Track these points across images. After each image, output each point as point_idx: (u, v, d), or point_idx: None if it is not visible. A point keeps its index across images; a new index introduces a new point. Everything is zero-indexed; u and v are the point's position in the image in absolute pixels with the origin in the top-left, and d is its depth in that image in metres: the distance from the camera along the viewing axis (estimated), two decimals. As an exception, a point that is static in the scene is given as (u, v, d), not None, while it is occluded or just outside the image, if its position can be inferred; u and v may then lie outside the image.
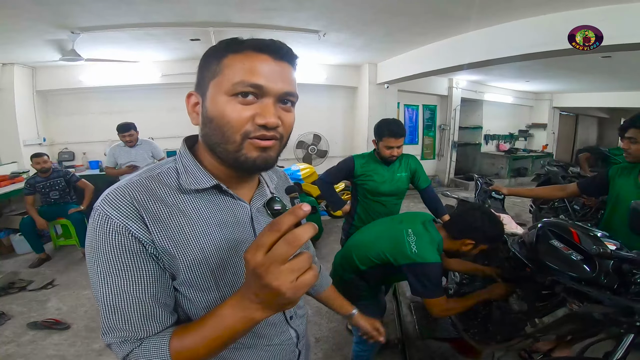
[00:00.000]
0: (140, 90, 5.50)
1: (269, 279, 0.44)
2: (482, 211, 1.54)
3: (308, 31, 3.79)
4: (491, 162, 8.72)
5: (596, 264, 1.25)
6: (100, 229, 0.54)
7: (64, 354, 2.27)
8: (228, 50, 0.58)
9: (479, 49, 3.85)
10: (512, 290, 1.60)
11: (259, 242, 0.45)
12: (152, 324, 0.56)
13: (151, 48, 4.39)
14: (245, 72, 0.55)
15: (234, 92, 0.55)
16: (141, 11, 3.04)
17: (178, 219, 0.58)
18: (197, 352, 0.54)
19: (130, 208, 0.55)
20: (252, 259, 0.44)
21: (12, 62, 4.55)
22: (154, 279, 0.57)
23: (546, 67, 5.36)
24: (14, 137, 4.76)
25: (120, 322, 0.55)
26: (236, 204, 0.66)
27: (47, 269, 3.62)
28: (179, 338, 0.56)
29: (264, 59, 0.56)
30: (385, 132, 2.04)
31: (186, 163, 0.63)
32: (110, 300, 0.55)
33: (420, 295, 1.49)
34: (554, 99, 9.19)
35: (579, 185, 2.11)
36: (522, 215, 5.37)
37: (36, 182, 3.71)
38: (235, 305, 0.51)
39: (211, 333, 0.53)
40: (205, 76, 0.59)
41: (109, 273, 0.54)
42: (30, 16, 2.96)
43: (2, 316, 2.67)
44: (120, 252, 0.54)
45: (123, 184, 0.58)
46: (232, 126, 0.56)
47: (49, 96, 5.31)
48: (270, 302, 0.47)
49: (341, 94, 6.61)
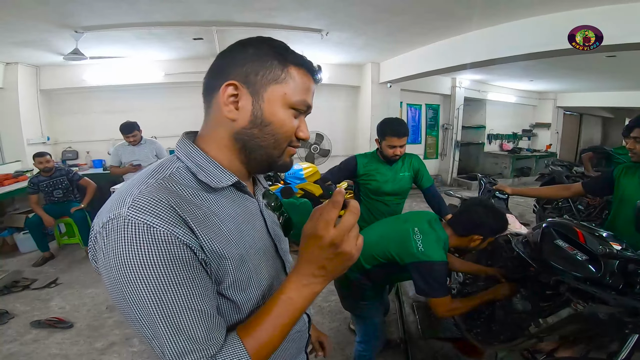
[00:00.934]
0: (143, 90, 5.52)
1: (344, 245, 0.52)
2: (483, 205, 1.54)
3: (310, 30, 3.79)
4: (494, 162, 8.69)
5: (601, 264, 1.24)
6: (142, 242, 0.47)
7: (67, 352, 2.28)
8: (290, 60, 0.60)
9: (482, 48, 3.84)
10: (516, 290, 1.59)
11: (327, 218, 0.52)
12: (217, 334, 0.52)
13: (154, 47, 4.40)
14: (306, 92, 0.62)
15: (295, 106, 0.61)
16: (143, 10, 3.04)
17: (212, 219, 0.56)
18: (273, 343, 0.56)
19: (172, 213, 0.50)
20: (327, 233, 0.52)
21: (15, 61, 4.57)
22: (209, 286, 0.54)
23: (550, 67, 5.33)
24: (17, 136, 4.80)
25: (189, 343, 0.49)
26: (247, 199, 0.67)
27: (50, 267, 3.64)
28: (250, 337, 0.54)
29: (312, 81, 0.63)
30: (388, 131, 2.03)
31: (200, 161, 0.60)
32: (173, 321, 0.49)
33: (424, 294, 1.48)
34: (558, 99, 9.14)
35: (584, 185, 2.09)
36: (525, 215, 5.35)
37: (39, 182, 3.71)
38: (299, 285, 0.56)
39: (281, 320, 0.55)
40: (262, 74, 0.58)
41: (166, 290, 0.48)
42: (33, 15, 2.97)
43: (6, 315, 2.68)
44: (174, 264, 0.49)
45: (145, 188, 0.52)
46: (287, 136, 0.62)
47: (52, 95, 5.33)
48: (336, 269, 0.55)
49: (344, 93, 6.60)
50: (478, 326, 1.70)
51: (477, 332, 1.67)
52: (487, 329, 1.65)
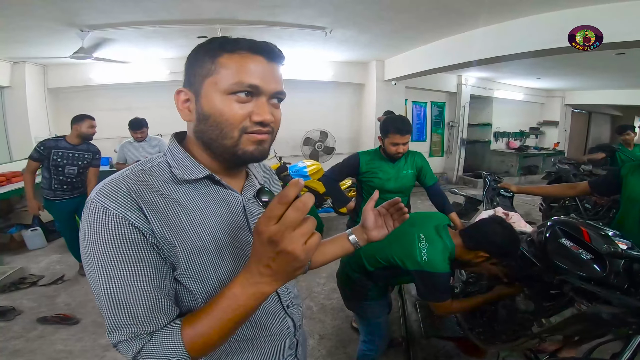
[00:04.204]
0: (148, 88, 5.54)
1: (285, 244, 0.47)
2: (503, 225, 1.47)
3: (314, 28, 3.77)
4: (501, 160, 8.60)
5: (606, 264, 1.22)
6: (97, 222, 0.53)
7: (72, 349, 2.30)
8: (222, 49, 0.59)
9: (488, 45, 3.79)
10: (519, 290, 1.57)
11: (269, 214, 0.47)
12: (159, 315, 0.56)
13: (159, 45, 4.41)
14: (242, 72, 0.58)
15: (232, 91, 0.58)
16: (147, 8, 3.05)
17: (174, 208, 0.59)
18: (211, 337, 0.54)
19: (128, 198, 0.55)
20: (266, 229, 0.47)
21: (23, 60, 4.62)
22: (157, 268, 0.57)
23: (557, 64, 5.26)
24: (25, 134, 4.86)
25: (127, 317, 0.54)
26: (228, 194, 0.67)
27: (57, 264, 3.67)
28: (190, 326, 0.55)
29: (259, 60, 0.60)
30: (391, 128, 2.02)
31: (177, 156, 0.64)
32: (114, 295, 0.53)
33: (425, 299, 1.48)
34: (566, 96, 9.02)
35: (590, 184, 2.06)
36: (532, 213, 5.29)
37: (57, 147, 2.99)
38: (245, 282, 0.53)
39: (223, 315, 0.54)
40: (198, 74, 0.61)
41: (111, 266, 0.53)
42: (39, 14, 3.00)
43: (12, 311, 2.70)
44: (121, 243, 0.53)
45: (116, 177, 0.58)
46: (230, 123, 0.59)
47: (60, 93, 5.39)
48: (282, 270, 0.50)
49: (348, 90, 6.57)
50: (480, 325, 1.69)
51: (479, 332, 1.65)
52: (489, 329, 1.63)
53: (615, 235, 1.36)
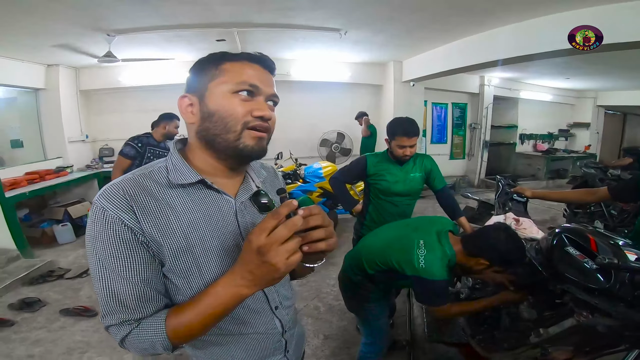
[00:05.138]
0: (172, 89, 5.68)
1: (270, 255, 0.53)
2: (507, 233, 1.41)
3: (329, 30, 3.80)
4: (527, 163, 8.30)
5: (611, 274, 1.17)
6: (97, 221, 0.61)
7: (89, 339, 2.42)
8: (224, 58, 0.69)
9: (510, 45, 3.68)
10: (523, 297, 1.52)
11: (262, 226, 0.54)
12: (147, 305, 0.63)
13: (181, 49, 4.57)
14: (244, 74, 0.67)
15: (235, 90, 0.66)
16: (167, 14, 3.18)
17: (165, 210, 0.65)
18: (191, 327, 0.62)
19: (123, 201, 0.61)
20: (257, 240, 0.53)
21: (57, 63, 4.89)
22: (146, 264, 0.63)
23: (587, 64, 5.02)
24: (59, 134, 5.15)
25: (117, 305, 0.62)
26: (221, 198, 0.71)
27: (83, 258, 3.84)
28: (174, 316, 0.63)
29: (256, 67, 0.69)
30: (397, 131, 2.00)
31: (174, 161, 0.70)
32: (107, 284, 0.61)
33: (423, 303, 1.48)
34: (598, 97, 8.57)
35: (610, 190, 1.95)
36: (557, 219, 5.08)
37: (149, 144, 2.98)
38: (227, 282, 0.60)
39: (205, 309, 0.61)
40: (202, 79, 0.68)
41: (106, 260, 0.61)
42: (69, 20, 3.18)
43: (38, 303, 2.86)
44: (115, 240, 0.60)
45: (118, 180, 0.65)
46: (234, 118, 0.66)
47: (91, 95, 5.67)
48: (262, 277, 0.56)
49: (366, 92, 6.54)
50: (481, 332, 1.65)
51: (480, 339, 1.62)
52: (490, 336, 1.60)
53: (626, 244, 1.30)
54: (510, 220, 2.08)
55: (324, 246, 0.57)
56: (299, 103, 5.91)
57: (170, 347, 0.63)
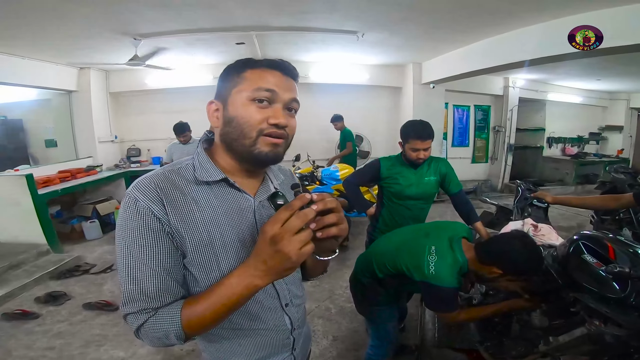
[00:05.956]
0: (195, 91, 5.87)
1: (283, 244, 0.55)
2: (523, 242, 1.36)
3: (346, 32, 3.82)
4: (555, 167, 7.97)
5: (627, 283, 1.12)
6: (129, 210, 0.65)
7: (107, 333, 2.52)
8: (246, 66, 0.72)
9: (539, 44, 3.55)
10: (537, 304, 1.47)
11: (276, 217, 0.57)
12: (165, 295, 0.66)
13: (203, 52, 4.72)
14: (261, 81, 0.70)
15: (252, 98, 0.69)
16: (188, 18, 3.28)
17: (190, 205, 0.69)
18: (204, 318, 0.64)
19: (154, 193, 0.66)
20: (271, 229, 0.56)
21: (88, 66, 5.13)
22: (170, 254, 0.67)
23: (619, 64, 4.78)
24: (90, 134, 5.43)
25: (138, 293, 0.65)
26: (241, 196, 0.76)
27: (108, 254, 4.02)
28: (189, 307, 0.65)
29: (276, 74, 0.72)
30: (411, 134, 1.99)
31: (201, 160, 0.75)
32: (131, 272, 0.65)
33: (431, 309, 1.47)
34: (631, 99, 8.13)
35: (635, 196, 1.86)
36: (585, 226, 4.86)
37: None
38: (241, 274, 0.62)
39: (219, 300, 0.63)
40: (227, 87, 0.73)
41: (134, 247, 0.65)
42: (99, 24, 3.33)
43: (63, 296, 3.01)
44: (144, 229, 0.65)
45: (150, 174, 0.70)
46: (250, 124, 0.69)
47: (120, 97, 5.93)
48: (275, 267, 0.58)
49: (385, 94, 6.50)
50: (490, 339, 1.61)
51: (488, 345, 1.58)
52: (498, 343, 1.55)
53: (647, 252, 1.24)
54: (528, 226, 2.01)
55: (336, 230, 0.60)
56: (317, 105, 5.94)
57: (183, 336, 0.65)
